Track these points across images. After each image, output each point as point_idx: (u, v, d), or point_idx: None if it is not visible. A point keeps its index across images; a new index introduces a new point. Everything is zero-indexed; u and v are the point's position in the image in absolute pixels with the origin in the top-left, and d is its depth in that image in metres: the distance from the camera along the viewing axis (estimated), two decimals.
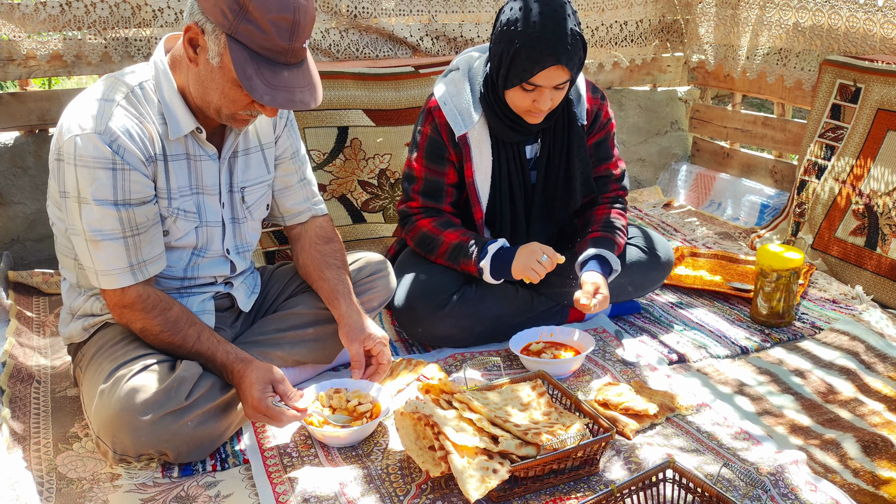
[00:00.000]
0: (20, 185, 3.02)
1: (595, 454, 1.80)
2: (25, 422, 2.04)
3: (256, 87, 1.67)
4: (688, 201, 4.07)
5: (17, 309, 2.64)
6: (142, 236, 1.82)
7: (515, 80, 2.19)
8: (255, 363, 1.86)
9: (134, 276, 1.83)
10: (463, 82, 2.36)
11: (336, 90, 3.02)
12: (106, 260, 1.79)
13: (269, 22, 1.65)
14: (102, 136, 1.73)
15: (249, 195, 2.05)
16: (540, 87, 2.18)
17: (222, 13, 1.66)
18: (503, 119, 2.32)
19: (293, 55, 1.72)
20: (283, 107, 1.73)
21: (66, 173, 1.75)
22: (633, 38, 3.92)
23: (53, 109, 3.01)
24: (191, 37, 1.72)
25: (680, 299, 2.83)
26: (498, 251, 2.31)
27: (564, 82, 2.19)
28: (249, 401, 1.82)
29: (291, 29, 1.68)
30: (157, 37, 3.00)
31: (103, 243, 1.78)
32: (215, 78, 1.75)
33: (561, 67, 2.14)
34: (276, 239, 2.91)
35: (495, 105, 2.31)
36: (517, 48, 2.14)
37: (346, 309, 2.09)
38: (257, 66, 1.68)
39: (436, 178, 2.41)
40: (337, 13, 3.24)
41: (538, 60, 2.13)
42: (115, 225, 1.77)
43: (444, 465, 1.69)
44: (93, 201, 1.74)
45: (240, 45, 1.67)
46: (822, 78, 3.27)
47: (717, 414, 2.08)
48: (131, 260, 1.81)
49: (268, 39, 1.67)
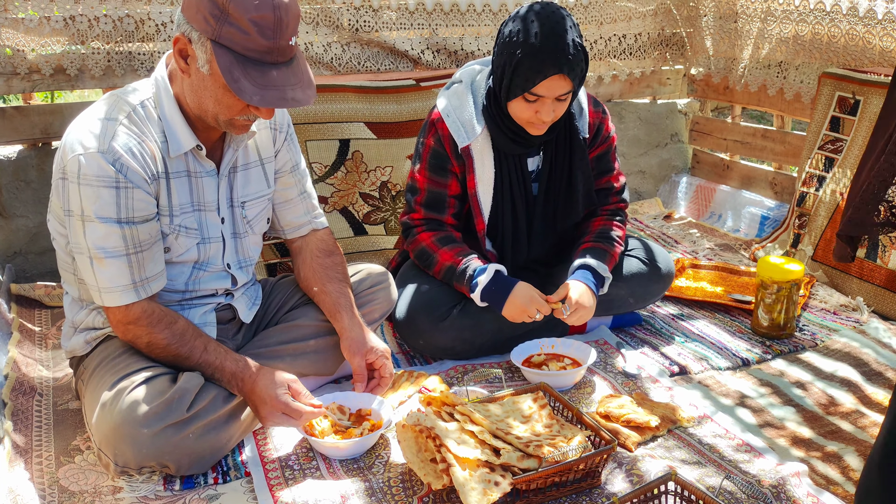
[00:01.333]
0: (23, 198, 3.03)
1: (597, 467, 1.80)
2: (27, 435, 2.04)
3: (245, 88, 1.68)
4: (688, 213, 4.08)
5: (20, 322, 2.64)
6: (145, 253, 1.83)
7: (518, 91, 2.20)
8: (266, 368, 1.88)
9: (137, 294, 1.83)
10: (466, 94, 2.38)
11: (338, 103, 3.04)
12: (109, 277, 1.80)
13: (250, 21, 1.65)
14: (106, 155, 1.74)
15: (250, 209, 2.06)
16: (542, 98, 2.20)
17: (205, 20, 1.67)
18: (505, 131, 2.33)
19: (280, 53, 1.71)
20: (274, 105, 1.72)
21: (70, 192, 1.77)
22: (632, 50, 3.94)
23: (56, 123, 3.03)
24: (180, 48, 1.74)
25: (681, 311, 2.83)
26: (489, 285, 2.30)
27: (566, 93, 2.20)
28: (268, 401, 1.83)
29: (273, 27, 1.67)
30: (160, 51, 3.01)
31: (108, 260, 1.79)
32: (208, 86, 1.76)
33: (563, 77, 2.15)
34: (277, 251, 2.92)
35: (497, 117, 2.32)
36: (520, 58, 2.16)
37: (348, 322, 2.10)
38: (244, 67, 1.68)
39: (438, 190, 2.42)
40: (339, 27, 3.26)
41: (540, 70, 2.14)
42: (119, 242, 1.78)
43: (445, 477, 1.69)
44: (96, 219, 1.76)
45: (225, 49, 1.68)
46: (821, 90, 3.29)
47: (718, 426, 2.08)
48: (134, 277, 1.82)
49: (250, 40, 1.67)
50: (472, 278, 2.31)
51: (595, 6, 3.72)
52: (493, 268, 2.32)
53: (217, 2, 1.66)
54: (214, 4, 1.66)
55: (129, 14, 2.94)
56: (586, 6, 3.71)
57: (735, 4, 3.74)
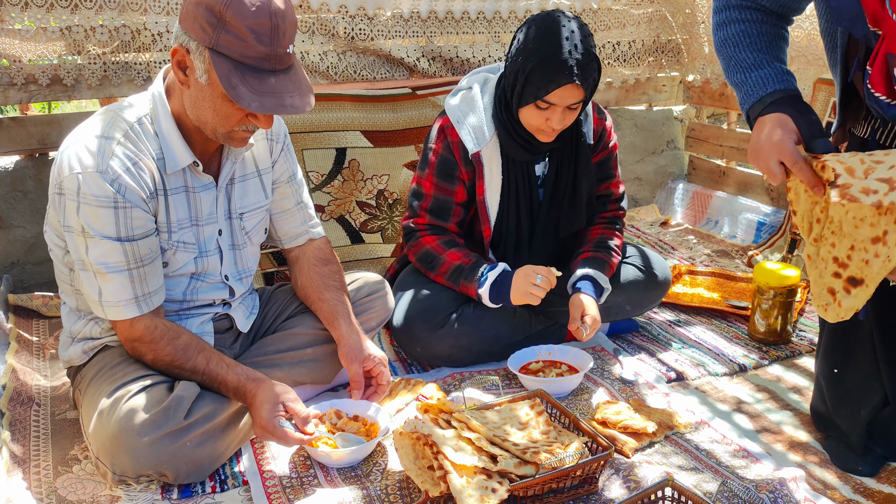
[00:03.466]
0: (20, 208, 3.03)
1: (594, 473, 1.80)
2: (25, 444, 2.04)
3: (243, 94, 1.68)
4: (685, 219, 4.09)
5: (17, 332, 2.64)
6: (146, 268, 1.84)
7: (530, 98, 2.21)
8: (267, 382, 1.88)
9: (139, 308, 1.84)
10: (476, 101, 2.39)
11: (334, 112, 3.05)
12: (112, 291, 1.81)
13: (247, 28, 1.66)
14: (104, 175, 1.74)
15: (248, 221, 2.07)
16: (553, 106, 2.20)
17: (202, 28, 1.68)
18: (515, 138, 2.34)
19: (277, 61, 1.72)
20: (272, 112, 1.72)
21: (68, 209, 1.77)
22: (626, 57, 3.95)
23: (53, 134, 3.03)
24: (178, 59, 1.74)
25: (678, 317, 2.84)
26: (496, 281, 2.32)
27: (578, 102, 2.21)
28: (258, 420, 1.83)
29: (270, 34, 1.68)
30: (156, 61, 3.02)
31: (110, 275, 1.79)
32: (206, 96, 1.76)
33: (576, 87, 2.16)
34: (274, 260, 2.92)
35: (508, 124, 2.33)
36: (533, 66, 2.17)
37: (345, 329, 2.10)
38: (242, 74, 1.68)
39: (445, 197, 2.43)
40: (335, 35, 3.27)
41: (553, 79, 2.15)
42: (121, 258, 1.79)
43: (443, 484, 1.69)
44: (97, 237, 1.76)
45: (223, 57, 1.68)
46: (816, 96, 3.30)
47: (715, 431, 2.08)
48: (136, 292, 1.83)
49: (248, 47, 1.67)
50: (482, 274, 2.32)
51: (590, 13, 3.74)
52: (501, 265, 2.36)
53: (214, 10, 1.66)
54: (211, 13, 1.66)
55: (125, 24, 2.95)
56: (580, 13, 3.73)
57: None
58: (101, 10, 2.89)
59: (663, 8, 3.94)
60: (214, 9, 1.66)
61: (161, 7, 2.96)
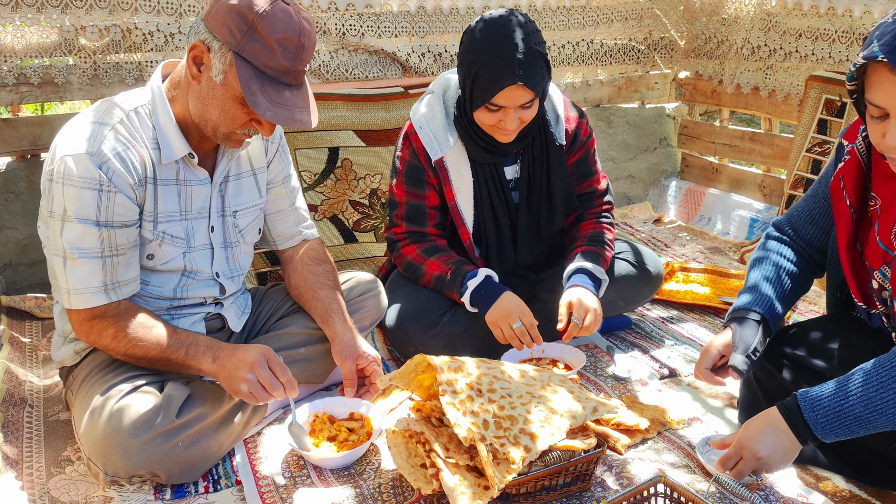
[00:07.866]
0: (12, 210, 3.03)
1: (587, 470, 1.80)
2: (18, 446, 2.03)
3: (260, 102, 1.72)
4: (678, 217, 4.10)
5: (10, 333, 2.64)
6: (120, 258, 1.83)
7: (479, 102, 2.19)
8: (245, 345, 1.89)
9: (107, 296, 1.83)
10: (438, 105, 2.38)
11: (327, 111, 3.05)
12: (81, 278, 1.80)
13: (276, 42, 1.70)
14: (93, 157, 1.74)
15: (241, 219, 2.07)
16: (504, 108, 2.18)
17: (230, 32, 1.70)
18: (477, 141, 2.33)
19: (294, 76, 1.77)
20: (283, 124, 1.77)
21: (55, 192, 1.77)
22: (612, 54, 3.95)
23: (45, 135, 3.02)
24: (196, 55, 1.76)
25: (671, 314, 2.84)
26: (479, 288, 2.30)
27: (529, 101, 2.18)
28: (247, 362, 1.80)
29: (296, 51, 1.74)
30: (147, 60, 3.02)
31: (81, 261, 1.79)
32: (217, 95, 1.78)
33: (521, 87, 2.13)
34: (267, 260, 2.92)
35: (468, 127, 2.32)
36: (477, 69, 2.15)
37: (339, 327, 2.10)
38: (261, 83, 1.73)
39: (417, 202, 2.42)
40: (326, 32, 3.27)
41: (497, 81, 2.13)
42: (95, 244, 1.78)
43: (435, 482, 1.69)
44: (75, 219, 1.76)
45: (246, 63, 1.72)
46: (808, 93, 3.31)
47: (708, 428, 2.08)
48: (106, 279, 1.82)
49: (273, 59, 1.71)
50: (462, 283, 2.32)
51: (578, 9, 3.74)
52: (483, 272, 2.33)
53: (247, 18, 1.69)
54: (243, 20, 1.70)
55: (116, 24, 2.94)
56: (569, 9, 3.73)
57: (722, 8, 3.77)
58: (92, 10, 2.89)
59: (654, 6, 3.95)
60: (247, 17, 1.69)
61: (151, 6, 2.95)
